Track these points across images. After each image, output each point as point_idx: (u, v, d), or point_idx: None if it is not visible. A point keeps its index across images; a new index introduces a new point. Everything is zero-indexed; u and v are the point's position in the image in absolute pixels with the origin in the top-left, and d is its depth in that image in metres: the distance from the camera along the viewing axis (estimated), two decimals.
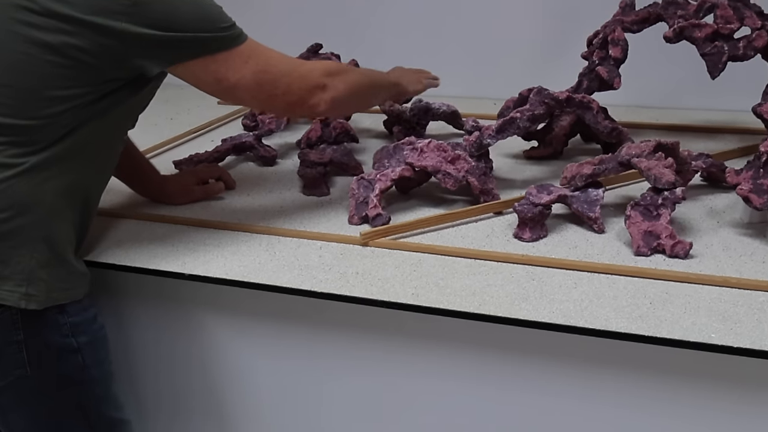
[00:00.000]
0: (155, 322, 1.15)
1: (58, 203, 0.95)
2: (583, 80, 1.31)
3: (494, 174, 1.28)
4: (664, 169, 1.05)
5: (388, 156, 1.22)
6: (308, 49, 1.57)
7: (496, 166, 1.29)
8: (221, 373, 1.14)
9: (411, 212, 1.18)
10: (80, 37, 0.89)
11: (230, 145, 1.43)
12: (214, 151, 1.42)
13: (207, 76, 0.99)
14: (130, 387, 1.19)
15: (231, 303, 1.08)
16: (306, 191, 1.29)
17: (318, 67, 1.08)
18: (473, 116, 1.49)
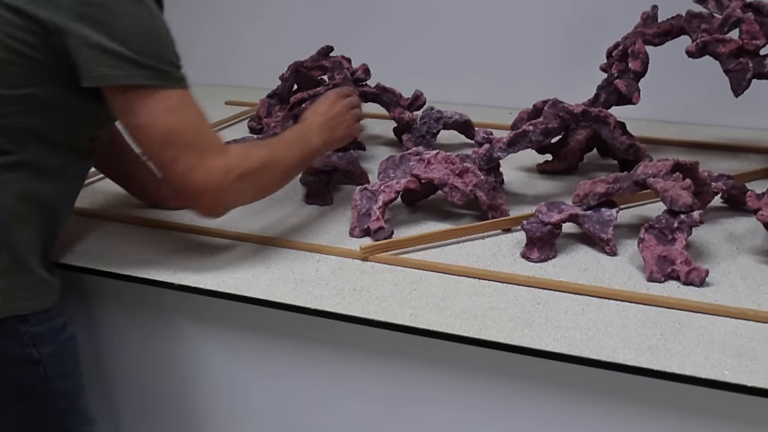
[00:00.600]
0: (137, 329, 1.12)
1: (18, 208, 0.90)
2: (601, 93, 1.26)
3: (505, 188, 1.23)
4: (682, 190, 1.00)
5: (393, 166, 1.18)
6: (318, 51, 1.53)
7: (507, 179, 1.25)
8: (205, 389, 1.10)
9: (416, 226, 1.14)
10: (27, 31, 0.85)
11: None
12: None
13: (122, 103, 0.88)
14: (108, 402, 1.15)
15: (221, 315, 1.04)
16: (308, 200, 1.25)
17: (233, 165, 0.93)
18: (487, 126, 1.45)
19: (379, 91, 1.43)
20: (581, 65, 1.47)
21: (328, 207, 1.23)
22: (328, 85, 1.41)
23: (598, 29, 1.56)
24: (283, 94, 1.52)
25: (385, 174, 1.18)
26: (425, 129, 1.40)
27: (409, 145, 1.39)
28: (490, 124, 1.55)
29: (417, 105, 1.45)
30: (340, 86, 1.38)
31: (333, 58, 1.50)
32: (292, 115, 1.41)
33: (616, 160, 1.29)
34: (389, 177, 1.16)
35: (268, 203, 1.22)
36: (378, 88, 1.43)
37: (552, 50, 1.65)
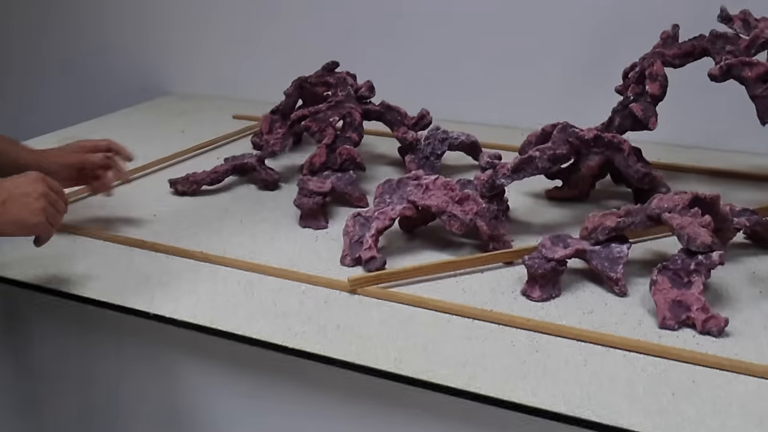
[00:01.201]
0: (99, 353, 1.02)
1: None
2: (616, 117, 1.14)
3: (510, 214, 1.13)
4: (700, 228, 0.88)
5: (390, 191, 1.07)
6: (323, 66, 1.42)
7: (513, 205, 1.14)
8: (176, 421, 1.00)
9: (412, 255, 1.03)
10: None
11: (230, 166, 1.29)
12: (212, 172, 1.28)
13: None
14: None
15: (198, 345, 0.94)
16: (302, 222, 1.14)
17: None
18: (497, 148, 1.35)
19: (383, 109, 1.33)
20: (598, 85, 1.36)
21: (322, 231, 1.13)
22: (330, 102, 1.31)
23: (617, 48, 1.45)
24: (285, 110, 1.42)
25: (381, 199, 1.07)
26: (429, 150, 1.29)
27: (411, 167, 1.28)
28: (501, 145, 1.44)
29: (423, 124, 1.34)
30: (342, 104, 1.28)
31: (338, 75, 1.40)
32: (293, 132, 1.31)
33: (631, 189, 1.17)
34: (385, 202, 1.06)
35: (260, 225, 1.13)
36: (382, 106, 1.33)
37: (568, 69, 1.53)
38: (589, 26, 1.49)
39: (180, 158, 1.46)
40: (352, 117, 1.28)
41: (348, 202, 1.21)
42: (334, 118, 1.27)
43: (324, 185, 1.16)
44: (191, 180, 1.27)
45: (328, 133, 1.26)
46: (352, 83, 1.36)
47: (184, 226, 1.15)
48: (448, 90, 1.64)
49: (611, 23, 1.46)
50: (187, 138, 1.58)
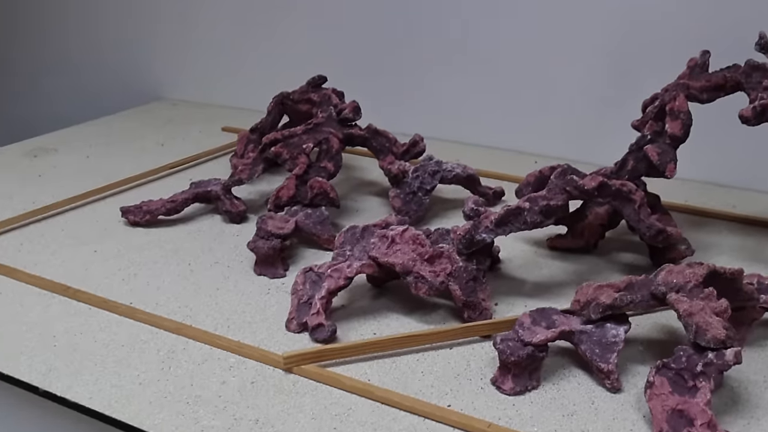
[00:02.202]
0: None
1: None
2: (629, 159, 0.97)
3: (502, 267, 0.98)
4: (712, 317, 0.71)
5: (353, 241, 0.92)
6: (308, 82, 1.27)
7: (507, 254, 1.01)
8: None
9: (374, 317, 0.89)
10: None
11: (191, 194, 1.15)
12: (170, 200, 1.14)
13: None
14: None
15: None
16: (257, 269, 0.99)
17: None
18: (504, 178, 1.27)
19: (368, 134, 1.17)
20: (621, 111, 1.19)
21: (279, 280, 0.97)
22: (309, 124, 1.16)
23: (643, 71, 1.27)
24: (265, 130, 1.28)
25: (341, 250, 0.91)
26: (417, 184, 1.13)
27: (395, 203, 1.12)
28: (508, 176, 1.29)
29: (414, 152, 1.19)
30: (320, 127, 1.13)
31: (323, 91, 1.24)
32: (264, 158, 1.16)
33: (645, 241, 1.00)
34: (344, 255, 0.90)
35: (210, 270, 0.99)
36: (368, 130, 1.17)
37: (588, 91, 1.37)
38: (612, 46, 1.32)
39: (150, 177, 1.33)
40: (329, 144, 1.12)
41: (315, 244, 1.06)
42: (308, 144, 1.12)
43: (285, 225, 1.01)
44: (144, 209, 1.13)
45: (300, 161, 1.11)
46: (337, 102, 1.20)
47: (124, 267, 1.01)
48: (454, 110, 1.50)
49: (636, 45, 1.29)
50: (166, 152, 1.45)
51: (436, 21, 1.47)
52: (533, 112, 1.42)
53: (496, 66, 1.43)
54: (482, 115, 1.47)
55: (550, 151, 1.40)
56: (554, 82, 1.39)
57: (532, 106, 1.42)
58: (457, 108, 1.49)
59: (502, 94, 1.44)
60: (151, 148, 1.50)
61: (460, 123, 1.49)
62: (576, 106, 1.38)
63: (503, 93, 1.44)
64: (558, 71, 1.38)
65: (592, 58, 1.34)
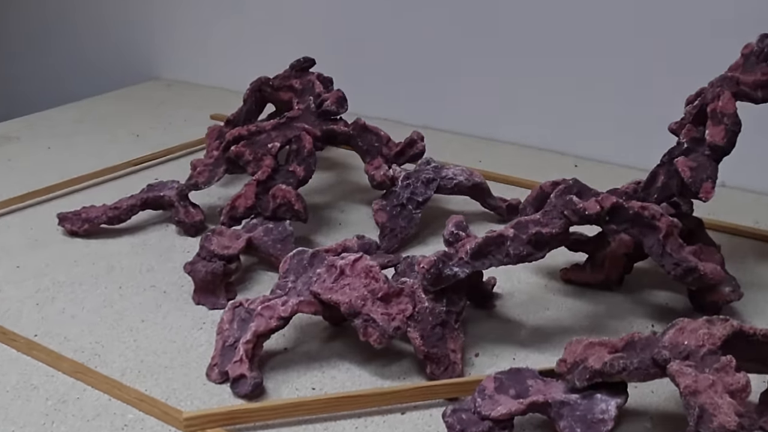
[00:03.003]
0: None
1: None
2: (660, 173, 0.86)
3: (497, 304, 0.90)
4: (723, 398, 0.60)
5: (299, 269, 0.84)
6: (292, 65, 1.19)
7: (508, 285, 0.93)
8: None
9: (320, 367, 0.81)
10: None
11: (138, 200, 1.09)
12: (113, 207, 1.08)
13: None
14: None
15: None
16: (195, 297, 0.92)
17: None
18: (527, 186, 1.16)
19: (354, 131, 1.08)
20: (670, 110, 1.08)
21: (219, 312, 0.90)
22: (281, 118, 1.08)
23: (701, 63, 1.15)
24: (239, 121, 1.20)
25: (283, 280, 0.83)
26: (407, 195, 1.04)
27: (379, 218, 1.04)
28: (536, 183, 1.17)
29: (411, 155, 1.10)
30: (293, 122, 1.05)
31: (307, 77, 1.16)
32: (227, 157, 1.08)
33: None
34: (285, 287, 0.82)
35: (141, 295, 0.94)
36: (355, 126, 1.09)
37: (642, 82, 1.26)
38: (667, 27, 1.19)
39: (114, 174, 1.27)
40: (300, 143, 1.04)
41: (275, 267, 0.98)
42: (275, 144, 1.04)
43: (233, 244, 0.94)
44: (83, 217, 1.07)
45: (265, 164, 1.03)
46: (320, 91, 1.12)
47: (43, 288, 0.96)
48: (478, 98, 1.42)
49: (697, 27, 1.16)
50: (140, 145, 1.41)
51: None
52: (575, 106, 1.32)
53: (530, 45, 1.33)
54: (512, 106, 1.39)
55: (594, 153, 1.29)
56: (600, 69, 1.29)
57: (573, 98, 1.32)
58: (480, 96, 1.41)
59: (538, 80, 1.35)
60: (124, 138, 1.45)
61: (484, 114, 1.41)
62: (628, 99, 1.28)
63: (539, 79, 1.35)
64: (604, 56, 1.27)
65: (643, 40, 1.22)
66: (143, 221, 1.11)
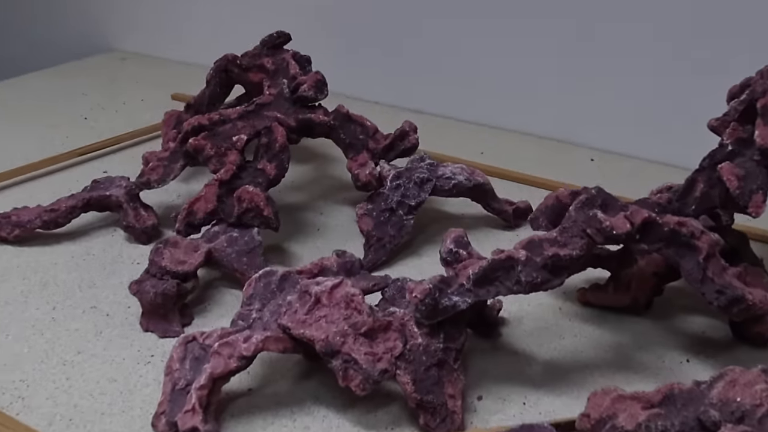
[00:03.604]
0: None
1: None
2: (698, 181, 0.78)
3: (503, 333, 0.83)
4: None
5: (266, 294, 0.76)
6: (264, 41, 1.11)
7: (515, 309, 0.86)
8: None
9: (290, 413, 0.75)
10: None
11: (79, 201, 1.00)
12: (49, 209, 1.00)
13: None
14: None
15: None
16: (143, 322, 0.84)
17: None
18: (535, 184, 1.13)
19: (336, 122, 1.01)
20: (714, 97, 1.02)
21: (171, 339, 0.82)
22: (249, 105, 1.00)
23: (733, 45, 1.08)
24: (201, 107, 1.12)
25: (247, 309, 0.75)
26: (397, 198, 0.96)
27: (364, 225, 0.96)
28: (547, 181, 1.12)
29: (401, 149, 1.02)
30: (262, 110, 0.97)
31: (281, 55, 1.08)
32: (185, 151, 1.00)
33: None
34: (248, 318, 0.74)
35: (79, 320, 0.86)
36: (336, 115, 1.01)
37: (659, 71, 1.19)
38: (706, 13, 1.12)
39: (51, 168, 1.19)
40: (272, 135, 0.96)
41: (241, 283, 0.90)
42: (241, 136, 0.95)
43: (190, 258, 0.86)
44: (14, 221, 0.99)
45: (229, 160, 0.95)
46: (296, 73, 1.03)
47: None
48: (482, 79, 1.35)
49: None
50: (87, 129, 1.32)
51: None
52: (591, 91, 1.26)
53: (539, 21, 1.26)
54: (519, 89, 1.32)
55: (613, 145, 1.22)
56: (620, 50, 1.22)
57: (589, 83, 1.26)
58: (482, 77, 1.34)
59: (549, 61, 1.28)
60: (68, 121, 1.37)
61: (487, 98, 1.34)
62: (650, 85, 1.21)
63: (550, 60, 1.28)
64: (623, 34, 1.20)
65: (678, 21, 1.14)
66: (86, 225, 1.04)
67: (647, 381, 0.77)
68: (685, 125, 1.16)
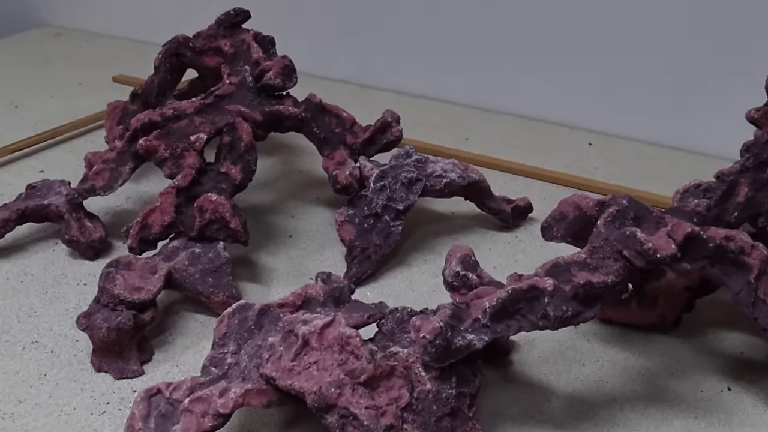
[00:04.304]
0: None
1: None
2: (740, 184, 0.70)
3: (513, 361, 0.75)
4: None
5: (242, 332, 0.67)
6: (219, 20, 1.01)
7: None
8: None
9: None
10: None
11: (12, 213, 0.90)
12: None
13: None
14: None
15: None
16: (95, 360, 0.75)
17: None
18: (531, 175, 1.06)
19: (308, 114, 0.91)
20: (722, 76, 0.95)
21: (132, 383, 0.73)
22: (206, 97, 0.89)
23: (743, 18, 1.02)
24: (150, 97, 1.01)
25: (220, 351, 0.66)
26: (382, 201, 0.86)
27: (345, 234, 0.87)
28: (543, 172, 1.07)
29: (383, 143, 0.93)
30: (222, 103, 0.87)
31: (240, 36, 0.98)
32: (134, 152, 0.90)
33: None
34: (223, 363, 0.64)
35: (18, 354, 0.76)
36: (307, 106, 0.92)
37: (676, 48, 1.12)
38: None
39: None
40: (236, 134, 0.86)
41: (207, 307, 0.80)
42: (200, 135, 0.85)
43: (148, 283, 0.77)
44: None
45: (187, 164, 0.85)
46: (259, 58, 0.93)
47: None
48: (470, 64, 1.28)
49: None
50: (18, 120, 1.22)
51: None
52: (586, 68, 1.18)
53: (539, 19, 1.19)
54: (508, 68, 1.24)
55: (611, 128, 1.16)
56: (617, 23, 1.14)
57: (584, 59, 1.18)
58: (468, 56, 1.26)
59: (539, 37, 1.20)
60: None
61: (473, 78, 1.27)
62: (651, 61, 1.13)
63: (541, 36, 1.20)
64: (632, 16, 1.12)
65: None
66: (21, 240, 0.94)
67: (686, 415, 0.70)
68: (686, 106, 1.10)
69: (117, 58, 1.44)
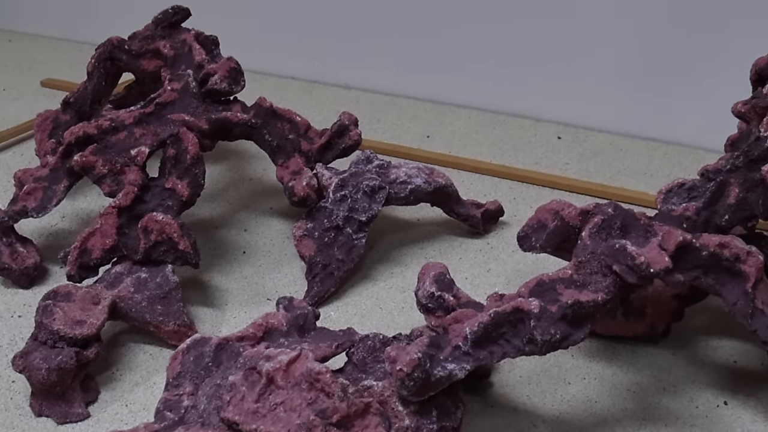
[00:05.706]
0: None
1: None
2: (731, 184, 0.68)
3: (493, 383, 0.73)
4: None
5: (199, 370, 0.64)
6: (157, 19, 0.98)
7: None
8: None
9: None
10: None
11: None
12: None
13: None
14: None
15: None
16: (34, 404, 0.71)
17: None
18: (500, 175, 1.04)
19: (257, 119, 0.88)
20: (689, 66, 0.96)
21: (74, 425, 0.69)
22: (146, 105, 0.86)
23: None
24: (83, 105, 0.98)
25: (174, 393, 0.63)
26: (343, 212, 0.84)
27: (304, 250, 0.84)
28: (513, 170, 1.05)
29: (340, 149, 0.90)
30: (164, 111, 0.84)
31: (181, 36, 0.95)
32: (68, 167, 0.86)
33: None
34: (179, 407, 0.61)
35: None
36: (258, 111, 0.89)
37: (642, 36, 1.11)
38: None
39: None
40: (181, 145, 0.82)
41: (157, 337, 0.77)
42: (141, 149, 0.82)
43: (90, 316, 0.74)
44: None
45: (129, 180, 0.81)
46: (202, 60, 0.90)
47: None
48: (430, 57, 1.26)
49: None
50: None
51: None
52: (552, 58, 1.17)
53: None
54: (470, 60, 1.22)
55: (579, 119, 1.14)
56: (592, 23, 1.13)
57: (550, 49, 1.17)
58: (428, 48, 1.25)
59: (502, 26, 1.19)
60: None
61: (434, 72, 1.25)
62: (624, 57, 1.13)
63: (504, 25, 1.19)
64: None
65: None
66: None
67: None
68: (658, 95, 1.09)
69: (44, 60, 1.40)
